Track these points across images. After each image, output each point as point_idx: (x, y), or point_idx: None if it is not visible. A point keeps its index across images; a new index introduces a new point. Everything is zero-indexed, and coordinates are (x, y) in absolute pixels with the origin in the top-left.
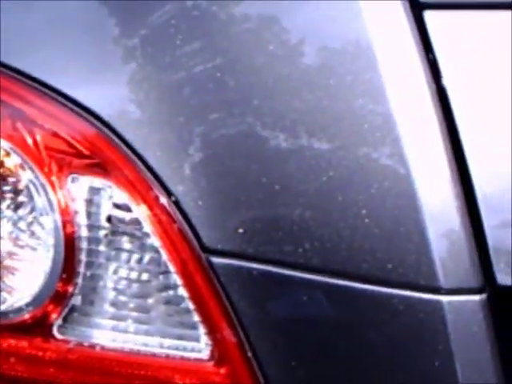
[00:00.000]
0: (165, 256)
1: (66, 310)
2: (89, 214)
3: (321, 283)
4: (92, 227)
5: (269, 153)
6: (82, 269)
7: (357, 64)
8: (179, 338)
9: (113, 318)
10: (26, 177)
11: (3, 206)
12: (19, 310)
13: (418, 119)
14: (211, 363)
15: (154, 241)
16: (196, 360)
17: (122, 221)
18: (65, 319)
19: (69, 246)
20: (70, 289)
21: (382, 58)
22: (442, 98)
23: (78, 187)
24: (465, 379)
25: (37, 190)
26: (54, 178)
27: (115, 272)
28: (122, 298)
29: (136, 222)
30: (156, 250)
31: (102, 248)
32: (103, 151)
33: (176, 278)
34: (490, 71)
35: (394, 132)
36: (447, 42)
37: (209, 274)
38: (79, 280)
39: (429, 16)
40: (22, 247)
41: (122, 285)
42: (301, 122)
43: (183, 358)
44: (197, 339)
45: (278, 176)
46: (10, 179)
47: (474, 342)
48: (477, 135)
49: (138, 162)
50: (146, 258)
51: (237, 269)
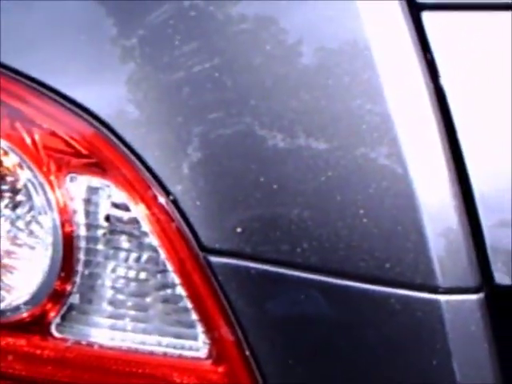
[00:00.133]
0: (163, 255)
1: (64, 308)
2: (87, 213)
3: (319, 282)
4: (90, 226)
5: (267, 153)
6: (80, 267)
7: (355, 64)
8: (177, 336)
9: (111, 316)
10: (24, 176)
11: (1, 204)
12: (17, 308)
13: (416, 119)
14: (209, 362)
15: (152, 240)
16: (194, 358)
17: (120, 220)
18: (63, 317)
19: (67, 244)
20: (68, 287)
21: (379, 58)
22: (439, 98)
23: (77, 186)
24: (462, 378)
25: (35, 189)
26: (52, 178)
27: (113, 271)
28: (120, 297)
29: (134, 221)
30: (154, 249)
31: (100, 247)
32: (101, 151)
33: (174, 277)
34: (487, 71)
35: (392, 132)
36: (445, 42)
37: (207, 272)
38: (77, 279)
39: (426, 16)
40: (20, 246)
41: (120, 283)
42: (299, 122)
43: (181, 357)
44: (195, 338)
45: (276, 176)
46: (9, 178)
47: (472, 341)
48: (474, 135)
49: (137, 162)
50: (144, 256)
51: (235, 268)
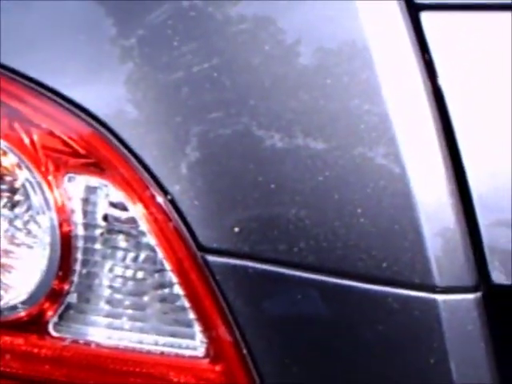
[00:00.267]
0: (160, 254)
1: (62, 307)
2: (85, 213)
3: (316, 282)
4: (88, 226)
5: (265, 152)
6: (77, 267)
7: (353, 64)
8: (174, 335)
9: (108, 315)
10: (22, 176)
11: (0, 204)
12: (15, 307)
13: (414, 119)
14: (206, 361)
15: (150, 239)
16: (191, 357)
17: (118, 219)
18: (60, 317)
19: (65, 244)
20: (66, 287)
21: (378, 58)
22: (437, 98)
23: (75, 186)
24: (459, 377)
25: (33, 188)
26: (50, 177)
27: (111, 270)
28: (118, 296)
29: (132, 221)
30: (152, 249)
31: (97, 246)
32: (99, 150)
33: (171, 276)
34: (485, 71)
35: (390, 132)
36: (443, 42)
37: (204, 272)
38: (75, 278)
39: (425, 17)
40: (18, 245)
41: (118, 282)
42: (297, 122)
43: (178, 356)
44: (192, 337)
45: (274, 175)
46: (7, 178)
47: (469, 340)
48: (472, 134)
49: (135, 162)
50: (142, 256)
51: (232, 267)
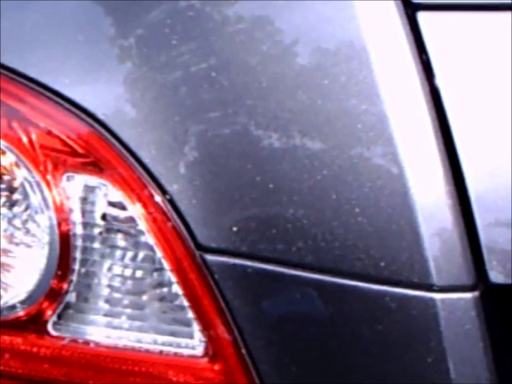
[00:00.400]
0: (159, 253)
1: (61, 306)
2: (84, 212)
3: (314, 281)
4: (87, 225)
5: (263, 152)
6: (76, 266)
7: (350, 64)
8: (173, 334)
9: (107, 314)
10: (21, 175)
11: None
12: (14, 306)
13: (412, 119)
14: (205, 360)
15: (149, 238)
16: (190, 356)
17: (116, 219)
18: (59, 316)
19: (64, 243)
20: (65, 286)
21: (375, 58)
22: (435, 98)
23: (73, 185)
24: (457, 376)
25: (32, 188)
26: (49, 177)
27: (110, 269)
28: (117, 295)
29: (131, 220)
30: (150, 248)
31: (96, 245)
32: (98, 150)
33: (170, 276)
34: (482, 71)
35: (388, 131)
36: (440, 42)
37: (203, 271)
38: (74, 277)
39: (422, 17)
40: (17, 244)
41: (117, 282)
42: (295, 122)
43: (177, 355)
44: (191, 336)
45: (272, 175)
46: (6, 177)
47: (467, 339)
48: (470, 134)
49: (133, 161)
50: (141, 255)
51: (231, 266)
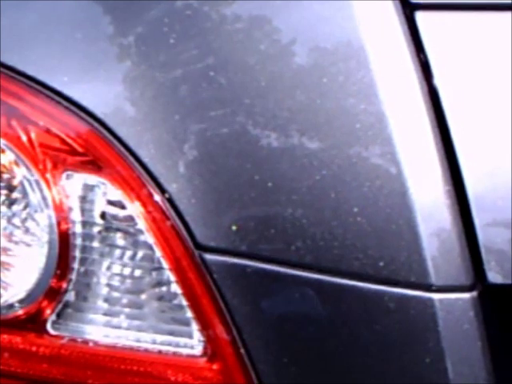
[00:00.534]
0: (158, 252)
1: (60, 305)
2: (83, 211)
3: (313, 280)
4: (86, 224)
5: (262, 151)
6: (75, 265)
7: (349, 64)
8: (172, 334)
9: (106, 313)
10: (20, 173)
11: None
12: (13, 305)
13: (410, 118)
14: (204, 359)
15: (148, 237)
16: (188, 356)
17: (115, 217)
18: (58, 315)
19: (63, 242)
20: (64, 285)
21: (373, 57)
22: (433, 98)
23: (73, 184)
24: (455, 376)
25: (31, 186)
26: (48, 175)
27: (109, 268)
28: (116, 294)
29: (130, 219)
30: (149, 247)
31: (95, 244)
32: (97, 149)
33: (169, 275)
34: (480, 71)
35: (386, 131)
36: (438, 42)
37: (202, 270)
38: (73, 276)
39: (420, 17)
40: (16, 243)
41: (116, 281)
42: (293, 121)
43: (176, 354)
44: (189, 335)
45: (271, 174)
46: (5, 176)
47: (465, 339)
48: (468, 134)
49: (132, 160)
50: (140, 254)
51: (230, 266)
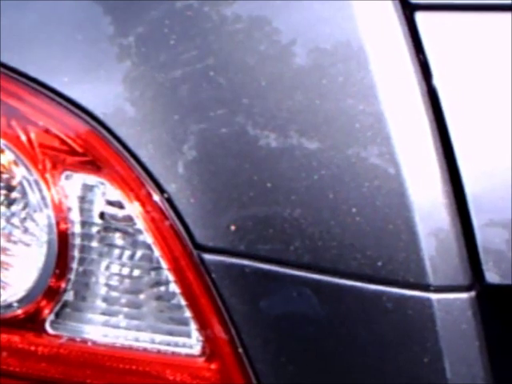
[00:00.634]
0: (157, 252)
1: (59, 305)
2: (82, 211)
3: (311, 280)
4: (85, 224)
5: (260, 151)
6: (74, 265)
7: (348, 64)
8: (170, 333)
9: (104, 313)
10: (19, 173)
11: None
12: (12, 305)
13: (409, 119)
14: (202, 359)
15: (147, 237)
16: (187, 355)
17: (114, 217)
18: (57, 314)
19: (62, 242)
20: (63, 284)
21: (373, 58)
22: (432, 98)
23: (72, 184)
24: (453, 376)
25: (30, 186)
26: (47, 175)
27: (107, 268)
28: (114, 294)
29: (128, 219)
30: (148, 247)
31: (94, 244)
32: (97, 149)
33: (168, 274)
34: (480, 71)
35: (385, 131)
36: (438, 42)
37: (200, 270)
38: (72, 276)
39: (420, 17)
40: (15, 243)
41: (114, 280)
42: (293, 121)
43: (174, 354)
44: (188, 335)
45: (270, 174)
46: (4, 175)
47: (463, 339)
48: (467, 135)
49: (132, 160)
50: (138, 254)
51: (228, 266)
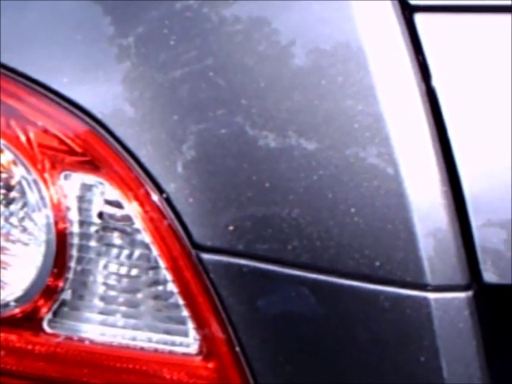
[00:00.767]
0: (155, 252)
1: (56, 304)
2: (80, 211)
3: (309, 280)
4: (83, 223)
5: (259, 152)
6: (72, 264)
7: (347, 65)
8: (168, 332)
9: (102, 312)
10: (18, 173)
11: None
12: (10, 304)
13: (408, 119)
14: (199, 358)
15: (145, 237)
16: (184, 354)
17: (113, 217)
18: (55, 313)
19: (60, 241)
20: (61, 284)
21: (372, 59)
22: (431, 99)
23: (71, 184)
24: (450, 375)
25: (29, 186)
26: (46, 175)
27: (105, 267)
28: (112, 293)
29: (127, 219)
30: (146, 246)
31: (92, 243)
32: (95, 149)
33: (166, 274)
34: (479, 72)
35: (384, 132)
36: (437, 44)
37: (198, 269)
38: (70, 275)
39: (419, 18)
40: (13, 242)
41: (112, 280)
42: (291, 122)
43: (171, 353)
44: (185, 334)
45: (268, 174)
46: (3, 175)
47: (460, 338)
48: (465, 135)
49: (130, 160)
50: (136, 253)
51: (226, 265)
